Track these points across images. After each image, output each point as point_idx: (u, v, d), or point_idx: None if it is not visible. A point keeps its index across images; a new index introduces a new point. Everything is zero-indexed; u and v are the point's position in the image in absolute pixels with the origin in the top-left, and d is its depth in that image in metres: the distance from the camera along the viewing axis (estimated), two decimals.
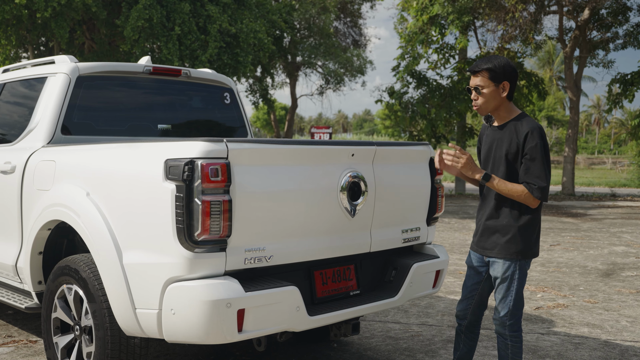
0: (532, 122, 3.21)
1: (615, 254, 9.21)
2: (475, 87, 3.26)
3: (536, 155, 3.15)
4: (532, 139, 3.16)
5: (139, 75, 4.62)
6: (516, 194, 3.18)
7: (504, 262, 3.29)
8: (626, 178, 32.64)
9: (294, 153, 3.32)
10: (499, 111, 3.30)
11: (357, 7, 28.39)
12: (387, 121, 24.49)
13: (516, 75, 3.27)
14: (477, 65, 3.27)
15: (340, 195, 3.45)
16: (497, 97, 3.25)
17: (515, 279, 3.28)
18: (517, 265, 3.27)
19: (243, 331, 3.02)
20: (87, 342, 3.50)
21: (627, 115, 56.05)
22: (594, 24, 20.31)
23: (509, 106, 3.30)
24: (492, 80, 3.22)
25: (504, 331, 3.33)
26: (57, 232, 3.91)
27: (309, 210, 3.35)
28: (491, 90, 3.23)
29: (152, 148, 3.21)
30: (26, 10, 14.37)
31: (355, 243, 3.63)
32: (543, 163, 3.16)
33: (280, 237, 3.24)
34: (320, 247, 3.45)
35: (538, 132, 3.17)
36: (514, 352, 3.33)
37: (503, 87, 3.24)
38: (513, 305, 3.29)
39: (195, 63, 15.67)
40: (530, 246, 3.29)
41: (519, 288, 3.29)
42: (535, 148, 3.15)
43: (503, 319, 3.32)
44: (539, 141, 3.15)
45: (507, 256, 3.27)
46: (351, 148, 3.53)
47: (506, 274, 3.29)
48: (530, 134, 3.17)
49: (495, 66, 3.21)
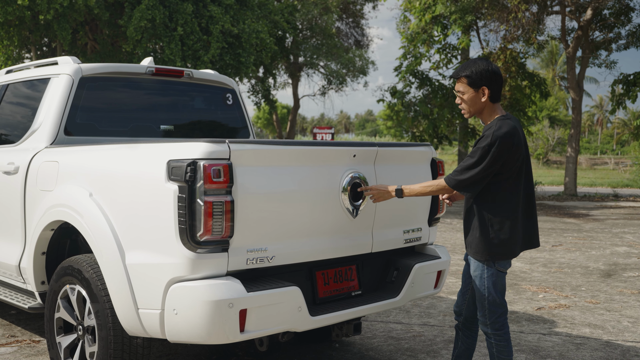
0: (498, 126, 3.17)
1: (617, 254, 9.20)
2: (457, 92, 3.34)
3: (475, 154, 3.14)
4: (483, 140, 3.16)
5: (141, 76, 4.63)
6: (431, 188, 3.33)
7: (473, 261, 3.34)
8: (629, 178, 32.59)
9: (296, 154, 3.33)
10: (482, 115, 3.34)
11: (359, 8, 28.40)
12: (389, 122, 24.46)
13: (496, 78, 3.25)
14: (456, 72, 3.34)
15: (342, 196, 3.46)
16: (477, 101, 3.28)
17: (485, 277, 3.28)
18: (485, 266, 3.28)
19: (245, 331, 3.03)
20: (90, 342, 3.52)
21: (629, 116, 56.00)
22: (596, 24, 20.28)
23: (491, 110, 3.30)
24: (470, 86, 3.27)
25: (486, 330, 3.35)
26: (60, 233, 3.92)
27: (310, 210, 3.36)
28: (471, 96, 3.28)
29: (155, 149, 3.22)
30: (29, 12, 14.40)
31: (356, 243, 3.64)
32: (475, 158, 3.13)
33: (282, 237, 3.25)
34: (322, 248, 3.46)
35: (493, 137, 3.12)
36: (499, 351, 3.33)
37: (482, 91, 3.26)
38: (489, 304, 3.29)
39: (197, 63, 15.69)
40: (500, 247, 3.24)
41: (491, 287, 3.28)
42: (479, 145, 3.14)
43: (483, 319, 3.35)
44: (487, 143, 3.12)
45: (475, 255, 3.31)
46: (353, 149, 3.54)
47: (476, 272, 3.32)
48: (485, 134, 3.17)
49: (473, 72, 3.25)
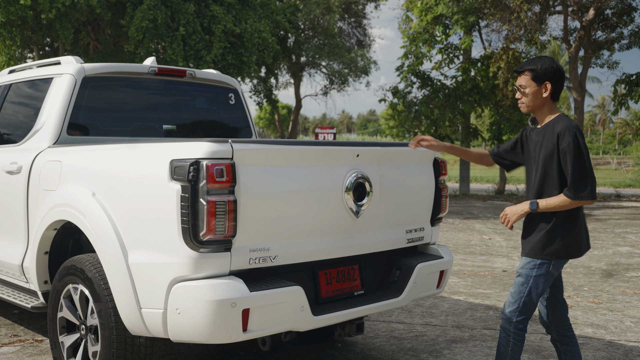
0: (568, 122, 3.24)
1: (619, 254, 9.19)
2: (519, 86, 3.35)
3: (569, 154, 3.16)
4: (565, 138, 3.17)
5: (144, 76, 4.64)
6: (564, 204, 3.19)
7: (525, 258, 3.31)
8: (631, 178, 32.54)
9: (298, 154, 3.33)
10: (541, 112, 3.35)
11: (362, 8, 28.38)
12: (391, 122, 24.42)
13: (560, 76, 3.30)
14: (521, 65, 3.37)
15: (345, 196, 3.46)
16: (539, 97, 3.31)
17: (532, 276, 3.26)
18: (536, 263, 3.26)
19: (248, 331, 3.03)
20: (93, 342, 3.52)
21: (632, 116, 55.92)
22: (598, 24, 20.26)
23: (550, 107, 3.34)
24: (534, 81, 3.29)
25: (508, 327, 3.32)
26: (63, 232, 3.93)
27: (313, 210, 3.36)
28: (533, 91, 3.30)
29: (158, 148, 3.23)
30: (31, 11, 14.42)
31: (359, 243, 3.64)
32: (576, 161, 3.15)
33: (285, 237, 3.25)
34: (324, 248, 3.46)
35: (571, 130, 3.18)
36: (514, 350, 3.32)
37: (545, 87, 3.29)
38: (523, 304, 3.28)
39: (199, 63, 15.70)
40: (557, 245, 3.24)
41: (533, 288, 3.27)
42: (568, 147, 3.16)
43: (510, 315, 3.31)
44: (571, 140, 3.16)
45: (529, 253, 3.29)
46: (356, 149, 3.54)
47: (524, 269, 3.29)
48: (563, 132, 3.19)
49: (538, 67, 3.28)
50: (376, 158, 3.65)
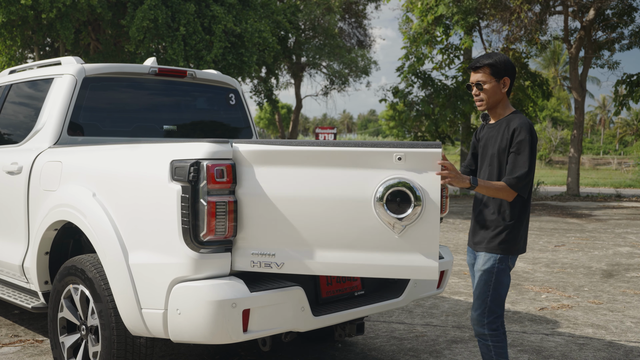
0: (523, 118, 3.24)
1: (620, 254, 9.19)
2: (477, 82, 3.28)
3: (522, 150, 3.15)
4: (520, 134, 3.17)
5: (144, 76, 4.64)
6: (500, 192, 3.16)
7: (485, 255, 3.25)
8: (631, 179, 32.55)
9: (298, 154, 3.31)
10: (497, 108, 3.32)
11: (362, 8, 28.39)
12: (391, 122, 24.44)
13: (515, 71, 3.31)
14: (478, 61, 3.31)
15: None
16: (498, 92, 3.27)
17: (494, 272, 3.22)
18: (497, 259, 3.22)
19: (248, 331, 3.03)
20: (93, 342, 3.52)
21: (632, 116, 55.91)
22: (599, 24, 20.26)
23: (505, 103, 3.33)
24: (493, 76, 3.26)
25: (482, 331, 3.25)
26: (64, 233, 3.93)
27: (322, 217, 3.26)
28: (492, 86, 3.26)
29: (158, 149, 3.23)
30: (32, 11, 14.43)
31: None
32: (527, 156, 3.14)
33: (293, 244, 3.08)
34: (335, 262, 3.37)
35: (527, 127, 3.18)
36: (498, 353, 3.25)
37: (504, 82, 3.27)
38: (491, 301, 3.23)
39: (200, 63, 15.70)
40: (516, 242, 3.24)
41: (498, 284, 3.23)
42: (522, 142, 3.15)
43: (480, 317, 3.25)
44: (527, 136, 3.15)
45: (490, 249, 3.24)
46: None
47: (485, 265, 3.24)
48: (518, 129, 3.18)
49: (496, 62, 3.25)
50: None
